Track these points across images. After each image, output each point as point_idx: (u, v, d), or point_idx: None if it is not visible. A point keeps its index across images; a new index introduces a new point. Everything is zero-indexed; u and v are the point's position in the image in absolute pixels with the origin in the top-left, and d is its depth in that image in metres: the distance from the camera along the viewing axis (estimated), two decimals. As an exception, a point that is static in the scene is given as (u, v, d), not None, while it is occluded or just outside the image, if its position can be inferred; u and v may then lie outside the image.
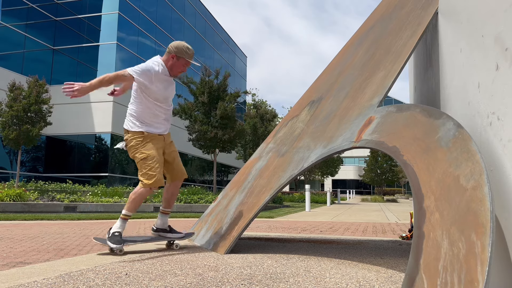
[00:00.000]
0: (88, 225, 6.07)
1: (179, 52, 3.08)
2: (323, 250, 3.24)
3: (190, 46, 3.16)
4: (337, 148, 2.71)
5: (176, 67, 3.11)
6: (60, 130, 22.23)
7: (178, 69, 3.13)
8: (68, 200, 10.51)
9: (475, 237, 1.36)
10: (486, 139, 1.78)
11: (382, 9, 4.22)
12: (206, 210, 4.20)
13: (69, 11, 24.37)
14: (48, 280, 2.02)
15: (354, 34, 4.50)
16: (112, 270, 2.32)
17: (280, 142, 3.83)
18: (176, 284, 1.97)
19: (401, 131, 2.19)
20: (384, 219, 8.70)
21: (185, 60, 3.12)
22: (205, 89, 17.45)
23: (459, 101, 2.19)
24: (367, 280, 2.10)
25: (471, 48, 2.01)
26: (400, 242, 3.99)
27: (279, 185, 3.03)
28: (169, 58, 3.09)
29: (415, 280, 1.46)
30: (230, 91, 19.20)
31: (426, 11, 3.00)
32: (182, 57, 3.09)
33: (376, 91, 2.84)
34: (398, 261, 2.77)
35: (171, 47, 3.10)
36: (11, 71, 21.04)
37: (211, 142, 17.13)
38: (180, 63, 3.11)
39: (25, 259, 2.83)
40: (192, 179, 30.41)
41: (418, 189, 1.77)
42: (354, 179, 62.09)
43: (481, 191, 1.47)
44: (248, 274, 2.21)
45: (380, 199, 33.10)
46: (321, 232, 5.25)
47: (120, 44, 23.35)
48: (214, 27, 36.46)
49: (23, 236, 4.28)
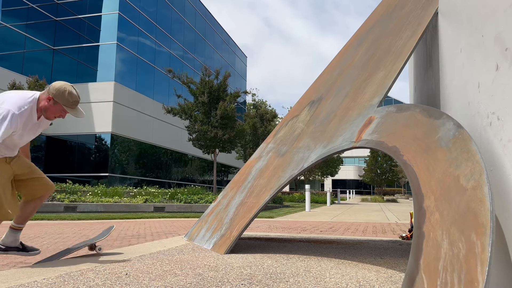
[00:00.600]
0: (88, 225, 6.07)
1: (58, 96, 2.55)
2: (323, 250, 3.24)
3: (75, 92, 2.62)
4: (337, 148, 2.71)
5: (51, 111, 2.58)
6: (60, 130, 22.22)
7: (52, 113, 2.59)
8: (68, 200, 10.50)
9: (475, 237, 1.36)
10: (486, 139, 1.78)
11: (382, 9, 4.22)
12: (206, 210, 4.20)
13: (69, 11, 24.37)
14: (48, 280, 2.02)
15: (354, 34, 4.50)
16: (112, 270, 2.32)
17: (280, 142, 3.83)
18: (176, 284, 1.97)
19: (401, 131, 2.19)
20: (384, 219, 8.70)
21: (61, 107, 2.59)
22: (205, 89, 17.45)
23: (459, 101, 2.19)
24: (367, 280, 2.10)
25: (471, 48, 2.01)
26: (400, 242, 3.99)
27: (279, 185, 3.03)
28: (46, 98, 2.55)
29: (415, 280, 1.46)
30: (230, 91, 19.20)
31: (426, 11, 3.00)
32: (58, 103, 2.56)
33: (376, 91, 2.84)
34: (398, 261, 2.77)
35: (52, 88, 2.58)
36: (11, 71, 21.04)
37: (211, 142, 17.13)
38: (56, 108, 2.58)
39: (25, 259, 2.83)
40: (192, 179, 30.42)
41: (418, 189, 1.77)
42: (354, 179, 62.09)
43: (481, 191, 1.47)
44: (248, 274, 2.21)
45: (380, 199, 33.09)
46: (321, 232, 5.25)
47: (120, 44, 23.35)
48: (214, 27, 36.46)
49: (23, 236, 4.28)
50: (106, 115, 22.01)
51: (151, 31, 26.66)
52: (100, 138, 22.76)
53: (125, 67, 23.98)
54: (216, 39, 37.00)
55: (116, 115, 22.18)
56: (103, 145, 22.76)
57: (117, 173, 22.77)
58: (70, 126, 22.48)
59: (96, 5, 24.11)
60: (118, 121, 22.30)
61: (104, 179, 21.51)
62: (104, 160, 22.52)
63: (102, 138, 22.69)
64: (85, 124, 22.35)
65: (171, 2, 28.83)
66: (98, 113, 22.18)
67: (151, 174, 25.57)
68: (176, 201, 11.94)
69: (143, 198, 12.04)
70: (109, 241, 3.94)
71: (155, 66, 26.70)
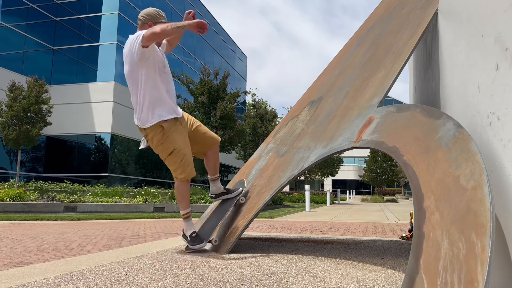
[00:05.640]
0: (88, 225, 6.07)
1: (153, 18, 2.90)
2: (323, 250, 3.24)
3: (158, 9, 3.00)
4: (337, 148, 2.71)
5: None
6: (60, 130, 22.23)
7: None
8: (68, 200, 10.50)
9: (475, 237, 1.36)
10: (486, 139, 1.78)
11: (382, 9, 4.22)
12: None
13: (69, 11, 24.37)
14: (48, 280, 2.02)
15: (354, 35, 4.50)
16: (112, 270, 2.32)
17: (280, 142, 3.83)
18: (176, 284, 1.97)
19: (401, 131, 2.19)
20: (384, 219, 8.70)
21: (164, 23, 2.90)
22: (204, 89, 17.44)
23: (459, 101, 2.19)
24: (367, 280, 2.10)
25: (471, 48, 2.01)
26: (400, 242, 3.99)
27: (279, 185, 3.03)
28: (146, 27, 2.86)
29: (415, 280, 1.46)
30: (230, 91, 19.20)
31: (426, 11, 3.00)
32: (160, 22, 2.91)
33: (376, 91, 2.84)
34: (398, 261, 2.77)
35: (143, 16, 2.92)
36: (11, 71, 21.04)
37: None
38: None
39: (25, 259, 2.83)
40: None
41: (418, 189, 1.77)
42: (354, 179, 62.11)
43: (481, 191, 1.46)
44: (248, 274, 2.21)
45: (380, 199, 33.10)
46: (321, 232, 5.25)
47: (120, 44, 23.35)
48: (214, 27, 36.46)
49: (23, 236, 4.28)
50: (106, 115, 22.01)
51: (151, 31, 26.61)
52: (100, 138, 22.76)
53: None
54: (216, 39, 37.01)
55: (116, 115, 22.18)
56: (103, 145, 22.76)
57: (117, 173, 22.77)
58: (70, 126, 22.49)
59: (96, 5, 24.12)
60: (118, 121, 22.29)
61: (104, 179, 21.51)
62: (104, 160, 22.52)
63: (102, 138, 22.69)
64: (85, 124, 22.35)
65: (171, 2, 28.84)
66: (98, 113, 22.18)
67: (151, 174, 25.57)
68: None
69: (143, 198, 12.04)
70: (109, 241, 3.95)
71: (155, 66, 26.65)
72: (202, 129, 3.23)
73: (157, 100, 2.84)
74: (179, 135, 2.92)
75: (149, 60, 2.79)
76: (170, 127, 2.87)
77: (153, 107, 2.83)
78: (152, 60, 2.82)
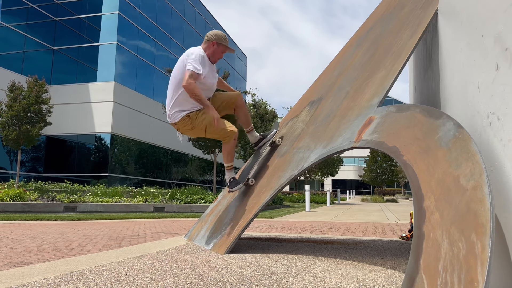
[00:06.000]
0: (88, 225, 6.07)
1: (218, 39, 3.34)
2: (323, 250, 3.24)
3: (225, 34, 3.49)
4: (337, 148, 2.71)
5: (217, 53, 3.36)
6: (60, 130, 22.22)
7: (217, 55, 3.37)
8: (68, 200, 10.50)
9: (475, 237, 1.36)
10: (486, 139, 1.78)
11: (382, 9, 4.22)
12: (206, 210, 4.20)
13: (69, 11, 24.36)
14: (48, 280, 2.02)
15: (354, 35, 4.50)
16: (112, 270, 2.32)
17: (280, 142, 3.83)
18: (176, 284, 1.97)
19: (401, 131, 2.19)
20: (384, 219, 8.70)
21: (224, 47, 3.37)
22: (204, 89, 17.43)
23: (459, 101, 2.19)
24: (367, 280, 2.10)
25: (471, 48, 2.01)
26: (400, 242, 3.99)
27: (279, 185, 3.02)
28: (210, 45, 3.33)
29: (415, 280, 1.46)
30: (229, 91, 19.18)
31: (426, 11, 3.00)
32: (222, 44, 3.34)
33: (376, 91, 2.84)
34: (398, 261, 2.77)
35: (210, 34, 3.36)
36: (11, 71, 21.02)
37: (211, 142, 17.12)
38: (220, 50, 3.36)
39: (25, 259, 2.83)
40: (192, 179, 30.42)
41: (418, 189, 1.77)
42: (354, 179, 62.10)
43: (481, 191, 1.46)
44: (248, 274, 2.21)
45: (380, 199, 33.10)
46: (321, 232, 5.25)
47: (120, 44, 23.35)
48: (214, 27, 36.43)
49: (23, 236, 4.28)
50: (106, 115, 22.00)
51: (151, 31, 26.65)
52: (100, 138, 22.75)
53: (125, 67, 23.97)
54: (216, 39, 36.93)
55: (116, 115, 22.16)
56: (103, 145, 22.75)
57: (117, 173, 22.76)
58: (70, 126, 22.48)
59: (96, 5, 24.10)
60: (118, 121, 22.29)
61: (104, 179, 21.50)
62: (104, 160, 22.51)
63: (102, 138, 22.68)
64: (85, 124, 22.35)
65: (171, 2, 28.83)
66: (98, 113, 22.17)
67: (151, 174, 25.56)
68: (176, 201, 11.94)
69: (143, 198, 12.04)
70: (109, 241, 3.95)
71: (155, 66, 26.69)
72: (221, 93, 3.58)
73: (185, 101, 3.29)
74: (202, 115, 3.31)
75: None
76: (194, 115, 3.32)
77: (180, 107, 3.31)
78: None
